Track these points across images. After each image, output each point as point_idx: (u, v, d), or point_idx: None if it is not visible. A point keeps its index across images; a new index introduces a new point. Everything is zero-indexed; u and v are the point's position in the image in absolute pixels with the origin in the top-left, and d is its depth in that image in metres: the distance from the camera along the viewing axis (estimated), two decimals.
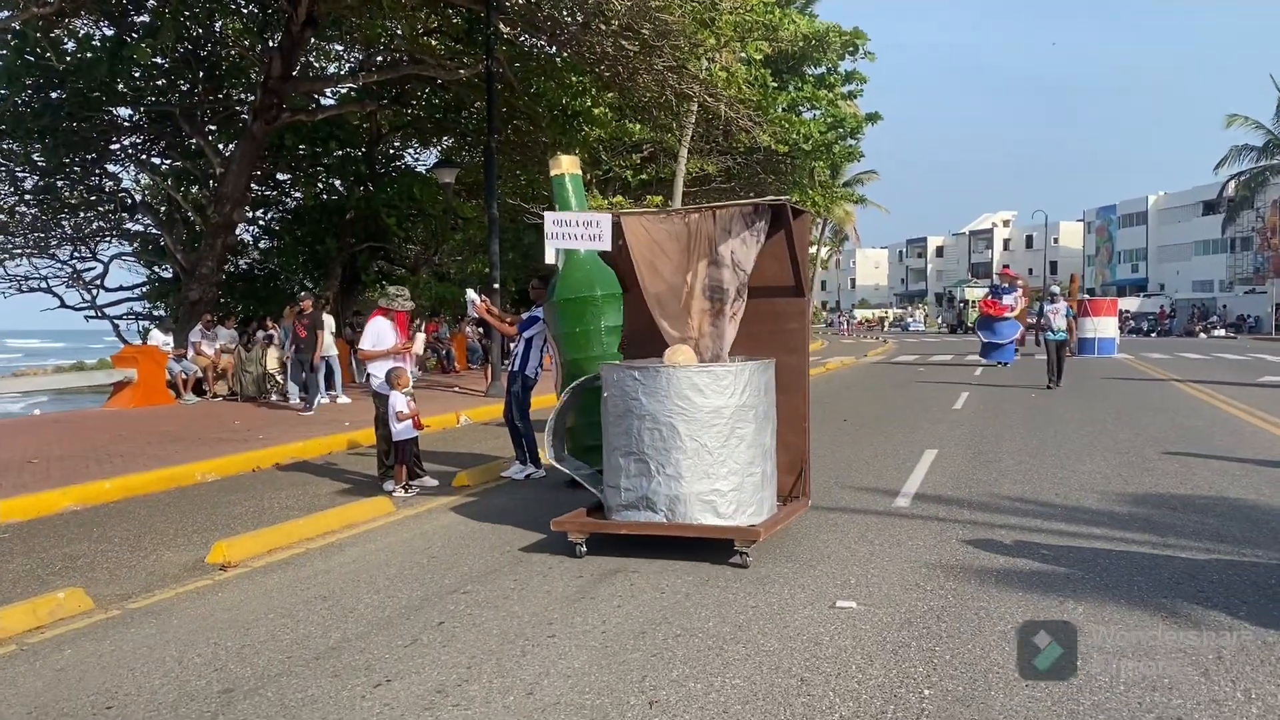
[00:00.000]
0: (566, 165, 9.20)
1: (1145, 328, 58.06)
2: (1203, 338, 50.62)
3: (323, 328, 16.79)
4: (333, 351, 17.63)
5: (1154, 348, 37.42)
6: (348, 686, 4.34)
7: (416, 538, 7.33)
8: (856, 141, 37.41)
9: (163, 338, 18.75)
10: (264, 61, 20.00)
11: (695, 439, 6.21)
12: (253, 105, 20.61)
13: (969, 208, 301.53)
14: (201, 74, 22.40)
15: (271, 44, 20.35)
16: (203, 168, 23.98)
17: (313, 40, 21.98)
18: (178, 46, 21.25)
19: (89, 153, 23.44)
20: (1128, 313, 56.36)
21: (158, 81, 22.91)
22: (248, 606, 5.64)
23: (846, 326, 74.64)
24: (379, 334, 9.33)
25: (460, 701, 4.14)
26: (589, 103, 22.86)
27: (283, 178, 27.95)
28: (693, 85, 21.55)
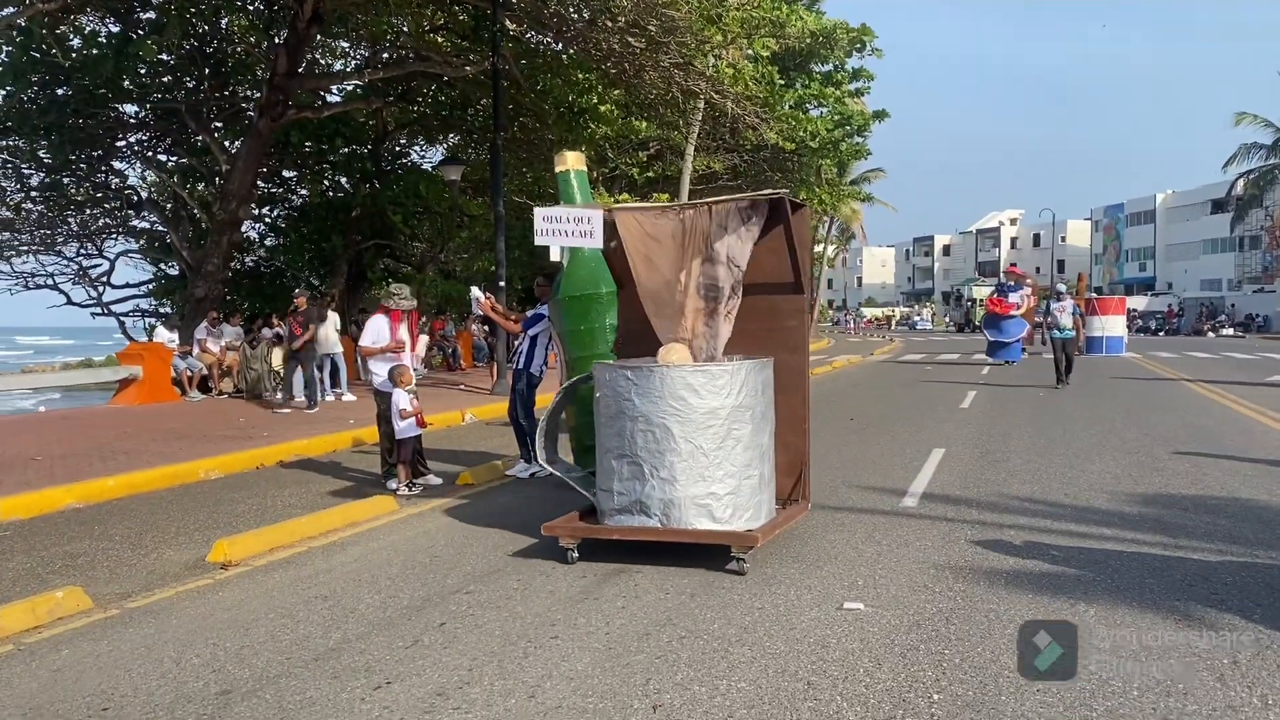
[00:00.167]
0: (572, 161, 9.12)
1: (1153, 327, 57.81)
2: (1211, 337, 50.40)
3: (321, 323, 16.79)
4: (338, 349, 17.61)
5: (1162, 347, 37.25)
6: (347, 689, 4.28)
7: (419, 536, 7.27)
8: (864, 139, 37.28)
9: (168, 335, 18.74)
10: (270, 58, 19.95)
11: (690, 441, 6.02)
12: (258, 102, 20.56)
13: (976, 206, 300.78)
14: (207, 71, 22.34)
15: (277, 41, 20.26)
16: (209, 165, 23.95)
17: (319, 37, 21.92)
18: (183, 43, 21.22)
19: (95, 149, 23.39)
20: (1135, 311, 56.09)
21: (163, 78, 22.87)
22: (248, 606, 5.58)
23: (853, 325, 74.46)
24: (377, 331, 9.33)
25: (461, 704, 4.08)
26: (595, 100, 22.81)
27: (289, 175, 27.93)
28: (699, 82, 21.45)
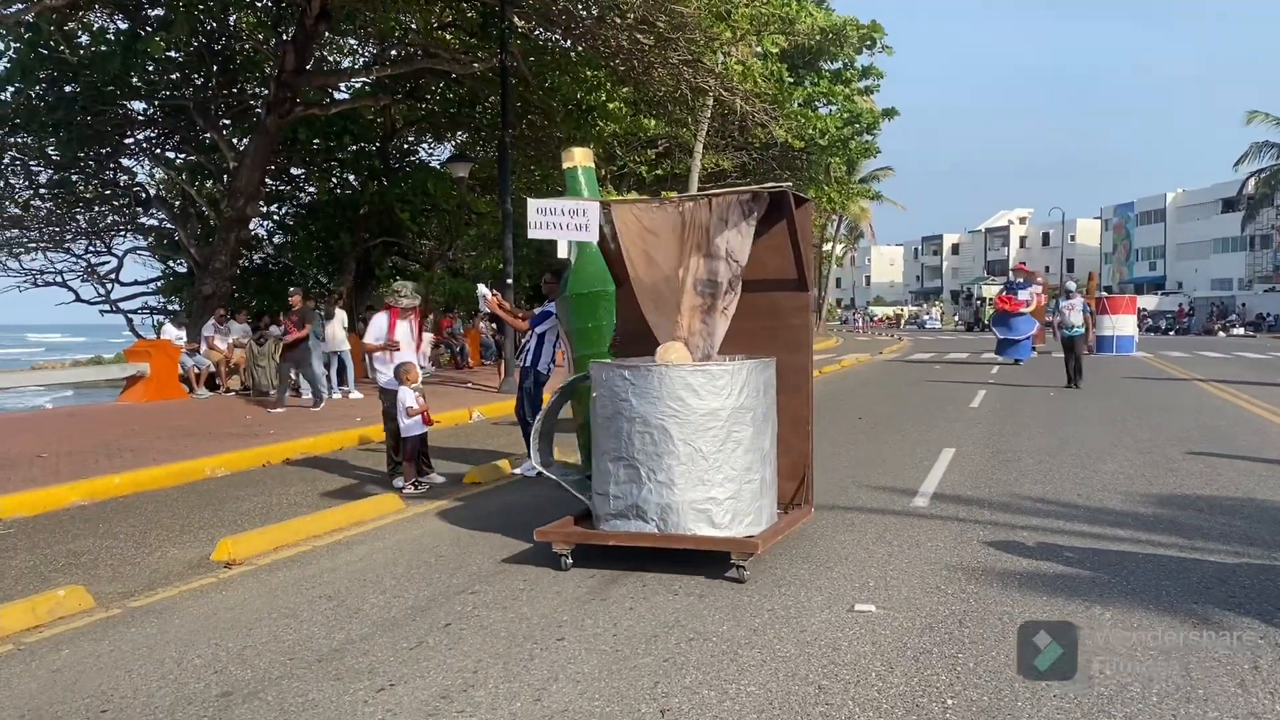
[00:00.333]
0: (579, 158, 9.03)
1: (1163, 326, 57.60)
2: (1221, 336, 50.16)
3: (329, 321, 16.80)
4: (345, 347, 17.57)
5: (1173, 346, 37.06)
6: (350, 691, 4.21)
7: (425, 535, 7.20)
8: (873, 137, 37.18)
9: (176, 332, 18.75)
10: (278, 55, 19.92)
11: (689, 443, 5.78)
12: (266, 99, 20.54)
13: (985, 205, 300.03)
14: (215, 68, 22.33)
15: (285, 38, 20.23)
16: (217, 162, 23.95)
17: (327, 34, 21.90)
18: (192, 40, 21.21)
19: (103, 147, 23.42)
20: (1145, 311, 55.81)
21: (172, 75, 22.88)
22: (251, 606, 5.52)
23: (861, 323, 74.27)
24: (378, 329, 9.33)
25: (465, 708, 4.00)
26: (604, 97, 22.73)
27: (297, 172, 27.94)
28: (708, 79, 21.38)
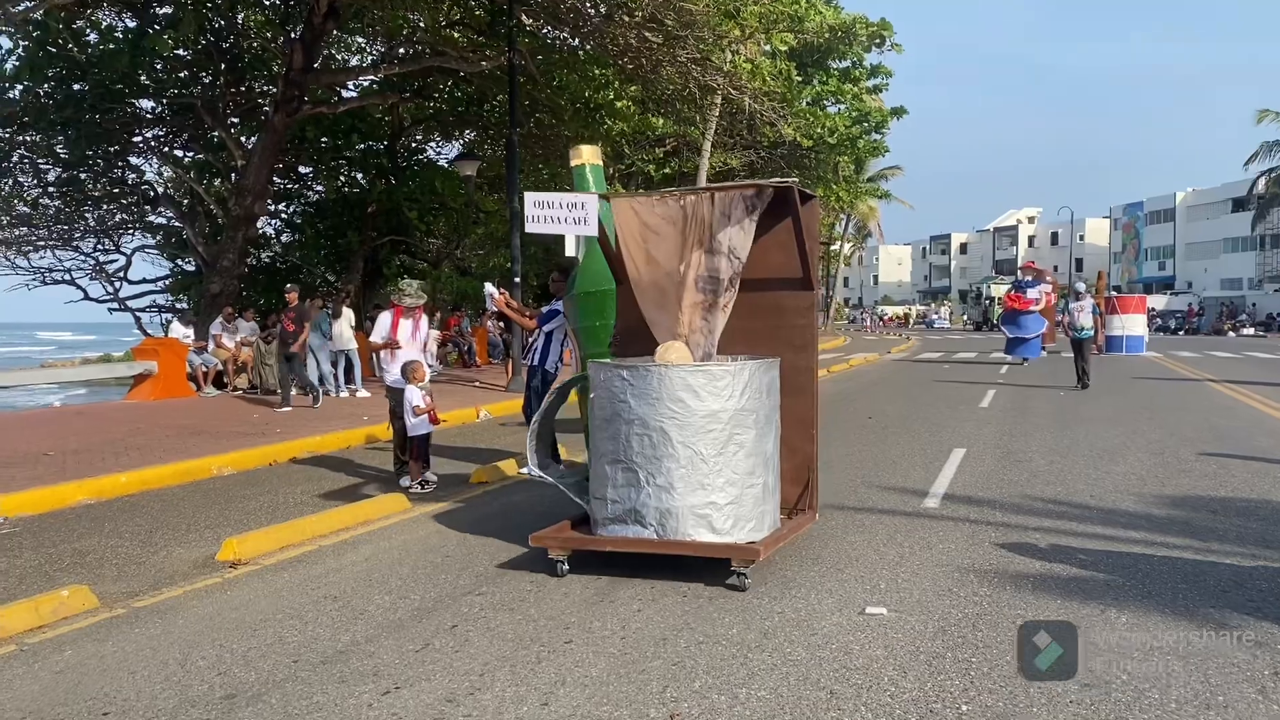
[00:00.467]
0: (587, 155, 8.95)
1: (1172, 326, 57.31)
2: (1231, 336, 49.87)
3: (337, 319, 16.80)
4: (353, 345, 17.54)
5: (1183, 346, 36.84)
6: (354, 694, 4.15)
7: (431, 535, 7.15)
8: (881, 136, 37.07)
9: (183, 330, 18.72)
10: (286, 53, 19.91)
11: (689, 446, 5.61)
12: (274, 97, 20.52)
13: (994, 204, 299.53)
14: (223, 66, 22.32)
15: (293, 36, 20.21)
16: (225, 160, 23.93)
17: (334, 32, 21.87)
18: (199, 38, 21.22)
19: (111, 145, 23.41)
20: (1154, 311, 55.54)
21: (180, 73, 22.90)
22: (256, 606, 5.47)
23: (869, 323, 74.11)
24: (382, 328, 9.31)
25: (472, 712, 3.95)
26: (612, 96, 22.69)
27: (305, 171, 27.93)
28: (717, 77, 21.30)
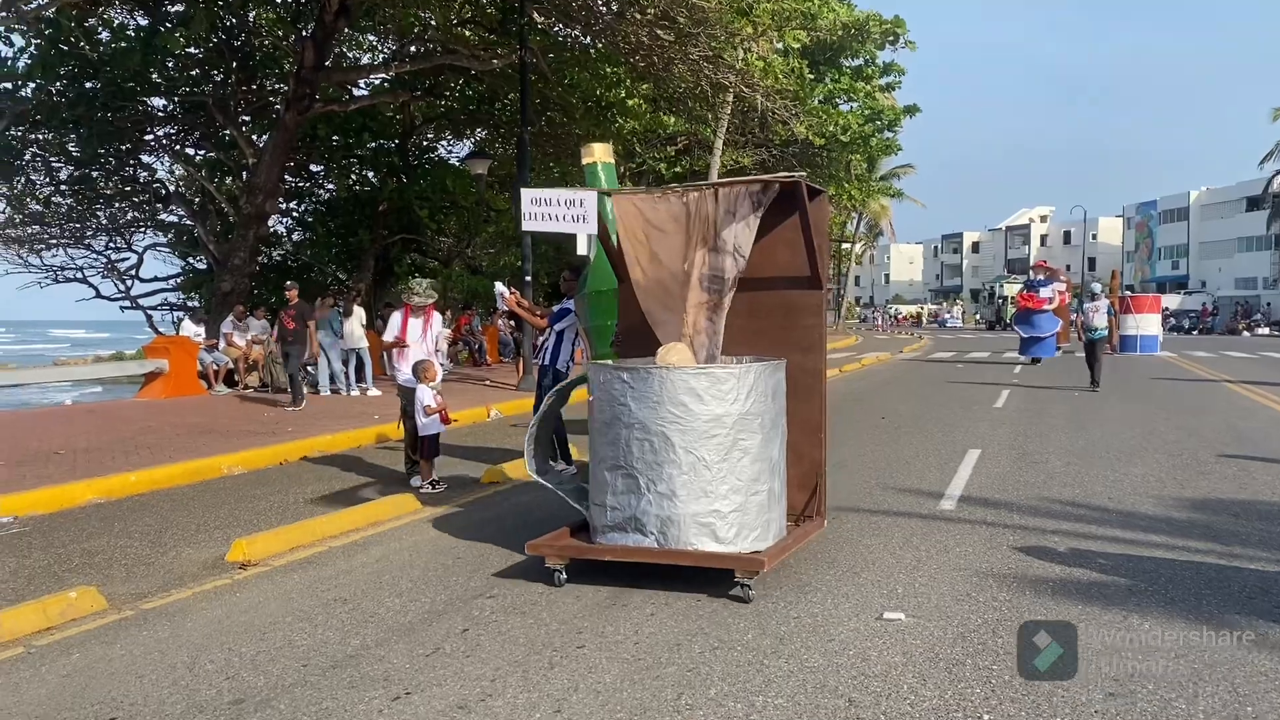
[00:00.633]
0: (599, 153, 8.89)
1: (1186, 325, 56.95)
2: (1246, 336, 49.56)
3: (348, 318, 16.83)
4: (363, 344, 17.52)
5: (1197, 346, 36.58)
6: (364, 699, 4.09)
7: (442, 537, 7.09)
8: (894, 134, 36.93)
9: (194, 328, 18.72)
10: (297, 51, 19.86)
11: (691, 452, 5.41)
12: (285, 96, 20.50)
13: (1006, 202, 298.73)
14: (235, 64, 22.32)
15: (304, 34, 20.18)
16: (236, 158, 23.95)
17: (346, 30, 21.84)
18: (211, 36, 21.20)
19: (123, 143, 23.46)
20: (1168, 310, 55.17)
21: (191, 71, 22.91)
22: (265, 609, 5.41)
23: (880, 322, 73.91)
24: (393, 327, 9.29)
25: (483, 719, 3.88)
26: (623, 94, 22.61)
27: (316, 169, 27.93)
28: (729, 75, 21.21)
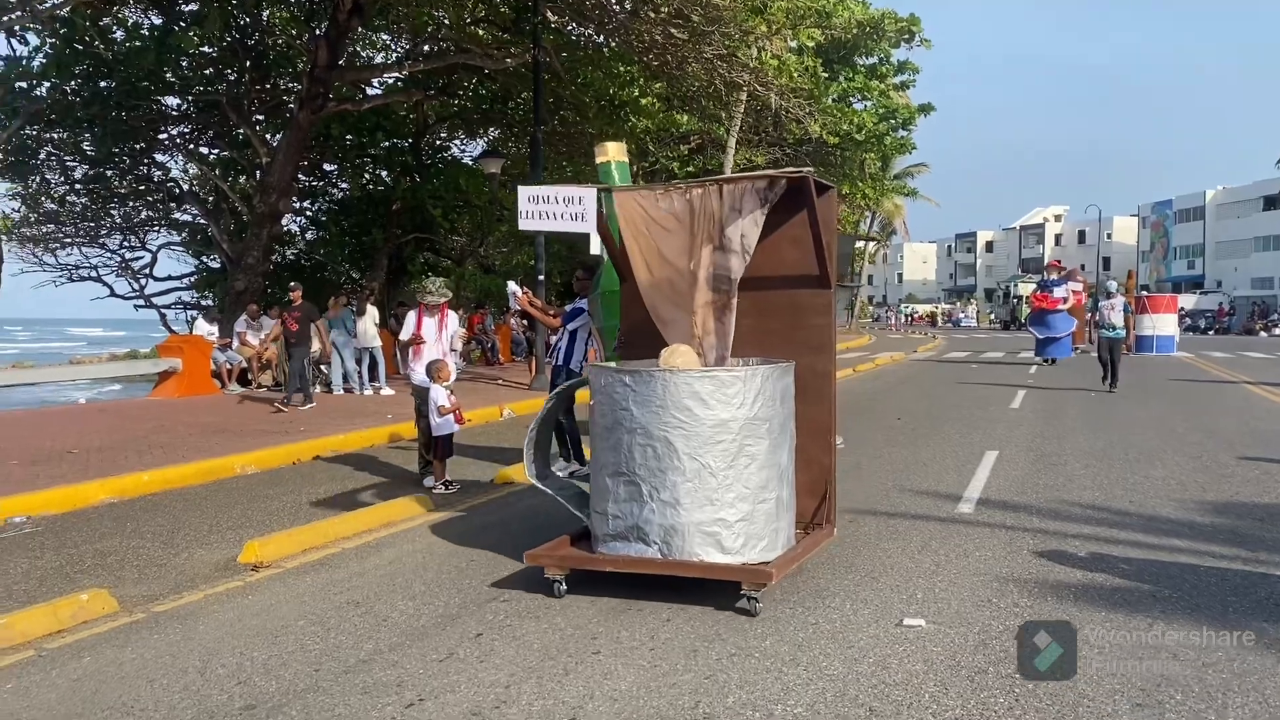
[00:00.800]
0: (613, 152, 8.82)
1: (1203, 325, 56.60)
2: (1263, 336, 49.20)
3: (361, 317, 16.87)
4: (376, 343, 17.52)
5: (1214, 346, 36.30)
6: (377, 706, 4.03)
7: (456, 538, 7.03)
8: (908, 133, 36.77)
9: (208, 327, 18.76)
10: (310, 51, 19.86)
11: (696, 458, 5.23)
12: (299, 95, 20.50)
13: (1020, 201, 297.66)
14: (248, 63, 22.34)
15: (318, 33, 20.17)
16: (250, 157, 23.98)
17: (359, 29, 21.83)
18: (224, 35, 21.21)
19: (137, 142, 23.51)
20: (1184, 310, 54.82)
21: (205, 71, 22.93)
22: (278, 612, 5.37)
23: (894, 321, 73.68)
24: (407, 327, 9.27)
25: None
26: (636, 93, 22.55)
27: (329, 168, 27.97)
28: (742, 74, 21.14)
